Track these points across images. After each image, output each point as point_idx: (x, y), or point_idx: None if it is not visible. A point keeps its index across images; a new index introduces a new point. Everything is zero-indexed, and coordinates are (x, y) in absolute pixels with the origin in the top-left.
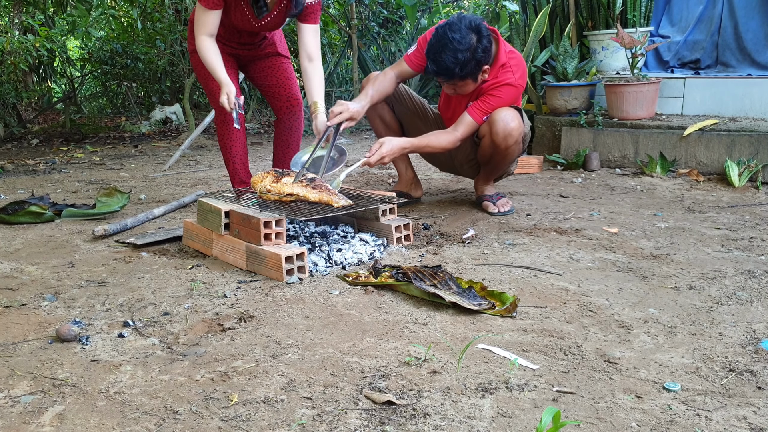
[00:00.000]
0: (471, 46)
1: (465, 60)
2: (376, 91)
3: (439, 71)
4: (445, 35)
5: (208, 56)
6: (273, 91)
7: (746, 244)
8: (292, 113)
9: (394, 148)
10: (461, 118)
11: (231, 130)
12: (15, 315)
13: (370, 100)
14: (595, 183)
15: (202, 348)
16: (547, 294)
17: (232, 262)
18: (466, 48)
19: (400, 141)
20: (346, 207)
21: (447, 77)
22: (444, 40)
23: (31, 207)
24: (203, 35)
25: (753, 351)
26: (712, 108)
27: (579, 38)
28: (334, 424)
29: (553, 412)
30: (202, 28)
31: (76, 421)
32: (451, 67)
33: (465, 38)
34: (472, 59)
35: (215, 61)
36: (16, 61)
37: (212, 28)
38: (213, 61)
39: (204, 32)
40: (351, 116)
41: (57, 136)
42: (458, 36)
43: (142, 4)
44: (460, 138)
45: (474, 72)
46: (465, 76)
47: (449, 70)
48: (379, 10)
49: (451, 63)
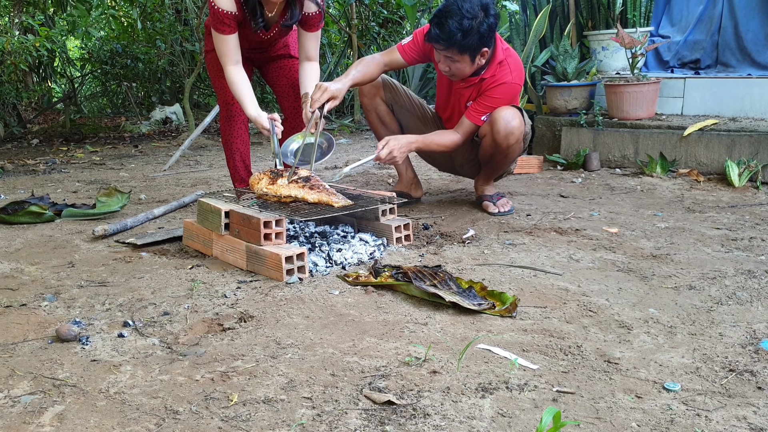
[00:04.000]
0: (477, 17)
1: (469, 28)
2: (360, 72)
3: (441, 35)
4: (455, 3)
5: (239, 89)
6: (282, 91)
7: (746, 244)
8: (300, 114)
9: (402, 145)
10: (461, 121)
11: (234, 126)
12: (15, 315)
13: (351, 80)
14: (595, 183)
15: (202, 348)
16: (547, 294)
17: (232, 262)
18: (472, 17)
19: (407, 137)
20: (346, 207)
21: (447, 43)
22: (452, 6)
23: (31, 207)
24: (230, 65)
25: (753, 351)
26: (712, 108)
27: (579, 38)
28: (334, 424)
29: (553, 412)
30: (226, 57)
31: (76, 421)
32: (454, 32)
33: (473, 9)
34: (476, 32)
35: (246, 93)
36: (16, 61)
37: (236, 54)
38: (243, 94)
39: (230, 61)
40: (332, 96)
41: (57, 136)
42: (467, 5)
43: (142, 4)
44: (462, 140)
45: (474, 48)
46: (464, 48)
47: (451, 35)
48: (379, 10)
49: (455, 28)
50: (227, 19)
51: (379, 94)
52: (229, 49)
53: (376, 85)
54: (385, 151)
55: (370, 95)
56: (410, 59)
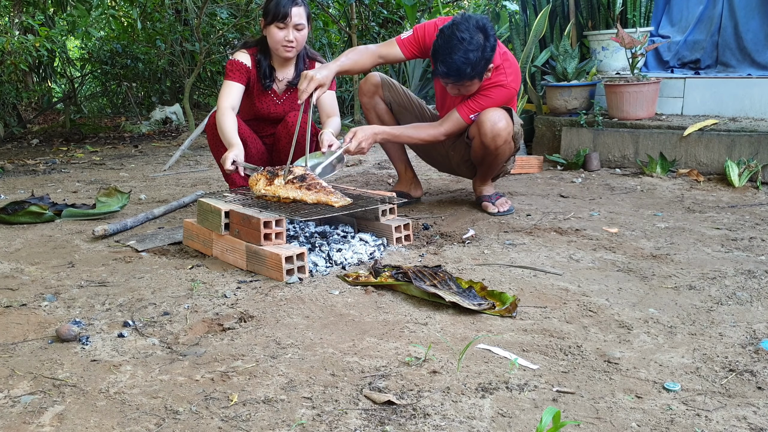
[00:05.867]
0: (480, 45)
1: (476, 60)
2: (350, 60)
3: (450, 72)
4: (454, 36)
5: (224, 120)
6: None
7: (746, 244)
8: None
9: (367, 134)
10: (449, 114)
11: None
12: (15, 315)
13: (339, 66)
14: (595, 183)
15: (202, 348)
16: (547, 294)
17: (232, 262)
18: (476, 48)
19: (373, 127)
20: (346, 207)
21: (457, 78)
22: (453, 41)
23: (31, 207)
24: (225, 105)
25: (753, 351)
26: (712, 108)
27: (579, 38)
28: (334, 424)
29: (553, 412)
30: (225, 98)
31: (76, 421)
32: (462, 68)
33: (474, 38)
34: (482, 59)
35: (229, 124)
36: (16, 61)
37: (234, 100)
38: (228, 124)
39: (226, 103)
40: (319, 84)
41: (57, 136)
42: (467, 36)
43: (142, 4)
44: (444, 133)
45: (482, 71)
46: (474, 76)
47: (460, 71)
48: (379, 10)
49: (462, 64)
50: (239, 67)
51: (378, 93)
52: (230, 92)
53: (375, 84)
54: (354, 143)
55: (370, 94)
56: (410, 54)
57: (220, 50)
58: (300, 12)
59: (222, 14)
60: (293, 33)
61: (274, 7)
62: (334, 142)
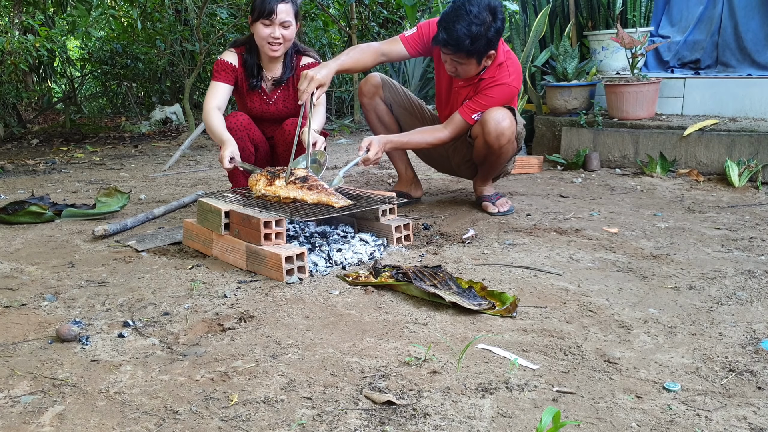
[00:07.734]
0: (486, 22)
1: (477, 34)
2: (351, 59)
3: (449, 40)
4: (463, 6)
5: (211, 119)
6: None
7: (746, 244)
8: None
9: (382, 143)
10: (452, 117)
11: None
12: (15, 315)
13: (340, 65)
14: (595, 183)
15: (202, 348)
16: (547, 294)
17: (232, 262)
18: (480, 23)
19: (382, 137)
20: (346, 207)
21: (455, 48)
22: (461, 11)
23: (31, 207)
24: (212, 105)
25: (753, 351)
26: (712, 108)
27: (579, 38)
28: (334, 424)
29: (553, 412)
30: (211, 98)
31: (76, 421)
32: (462, 38)
33: (481, 14)
34: (484, 36)
35: (217, 122)
36: (16, 61)
37: (220, 101)
38: (215, 123)
39: (213, 103)
40: (319, 83)
41: (57, 136)
42: (476, 10)
43: (142, 4)
44: (449, 136)
45: (481, 51)
46: (472, 53)
47: (459, 41)
48: (379, 10)
49: (463, 34)
50: (224, 67)
51: (378, 93)
52: (216, 93)
53: (375, 85)
54: (372, 152)
55: (370, 95)
56: (414, 51)
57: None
58: (287, 9)
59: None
60: (279, 30)
61: (260, 3)
62: (318, 140)
